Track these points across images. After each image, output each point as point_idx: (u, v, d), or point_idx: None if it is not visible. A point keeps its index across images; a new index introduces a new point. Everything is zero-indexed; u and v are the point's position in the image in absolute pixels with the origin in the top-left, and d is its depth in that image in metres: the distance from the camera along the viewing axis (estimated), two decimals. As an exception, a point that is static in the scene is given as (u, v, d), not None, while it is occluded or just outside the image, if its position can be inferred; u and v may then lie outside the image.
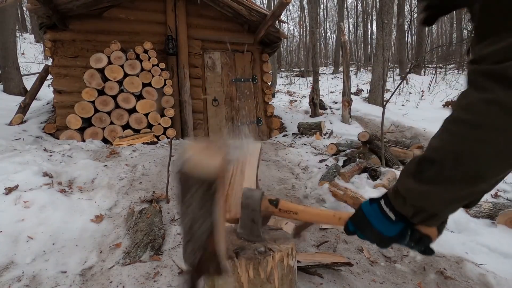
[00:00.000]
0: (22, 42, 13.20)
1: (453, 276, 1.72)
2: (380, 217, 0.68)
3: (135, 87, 4.65)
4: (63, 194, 2.15)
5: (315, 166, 3.57)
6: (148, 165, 2.90)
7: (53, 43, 4.63)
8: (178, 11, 5.19)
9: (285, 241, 1.18)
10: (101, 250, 1.72)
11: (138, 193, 2.36)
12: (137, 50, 4.69)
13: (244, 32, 5.77)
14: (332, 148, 4.08)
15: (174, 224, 1.99)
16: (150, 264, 1.57)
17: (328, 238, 2.02)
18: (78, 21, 4.69)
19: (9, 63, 7.58)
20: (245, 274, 1.01)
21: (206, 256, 0.70)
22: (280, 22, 6.33)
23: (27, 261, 1.57)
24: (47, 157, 2.80)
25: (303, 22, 21.83)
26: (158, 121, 4.79)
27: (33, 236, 1.72)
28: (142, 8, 5.08)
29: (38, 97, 6.30)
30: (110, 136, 4.48)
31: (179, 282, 1.45)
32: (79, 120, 4.37)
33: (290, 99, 11.08)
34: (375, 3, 20.01)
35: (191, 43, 5.35)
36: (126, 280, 1.46)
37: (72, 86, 4.62)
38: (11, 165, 2.34)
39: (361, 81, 14.06)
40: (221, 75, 5.70)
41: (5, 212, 1.80)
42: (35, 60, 11.96)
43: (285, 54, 25.17)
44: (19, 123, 4.85)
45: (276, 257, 1.05)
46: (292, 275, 1.13)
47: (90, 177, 2.51)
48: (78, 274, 1.52)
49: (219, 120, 5.70)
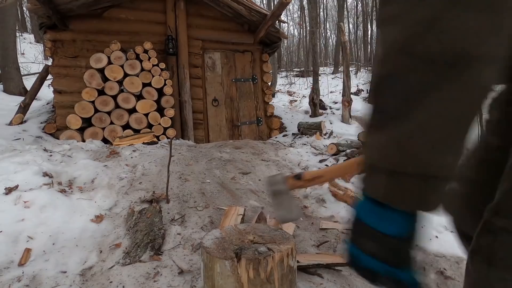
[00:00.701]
0: (22, 42, 13.20)
1: (453, 276, 1.72)
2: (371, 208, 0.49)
3: (135, 87, 4.65)
4: (63, 194, 2.15)
5: (315, 166, 3.57)
6: (148, 165, 2.90)
7: (53, 43, 4.63)
8: (178, 11, 5.19)
9: (285, 241, 1.18)
10: (101, 250, 1.72)
11: (138, 193, 2.36)
12: (137, 50, 4.69)
13: (244, 32, 5.77)
14: (332, 148, 4.08)
15: (174, 224, 1.99)
16: (150, 264, 1.57)
17: (328, 238, 2.01)
18: (78, 21, 4.69)
19: (9, 63, 7.58)
20: (245, 274, 1.01)
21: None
22: (280, 22, 6.33)
23: (27, 261, 1.57)
24: (47, 157, 2.80)
25: (303, 22, 21.82)
26: (158, 121, 4.79)
27: (33, 236, 1.72)
28: (142, 8, 5.08)
29: (38, 97, 6.30)
30: (110, 136, 4.48)
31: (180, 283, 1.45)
32: (79, 120, 4.37)
33: (290, 99, 11.09)
34: (375, 3, 19.99)
35: (191, 43, 5.35)
36: (126, 280, 1.46)
37: (72, 86, 4.62)
38: (11, 165, 2.34)
39: (361, 81, 14.05)
40: (221, 75, 5.70)
41: (5, 212, 1.80)
42: (35, 60, 11.96)
43: (285, 54, 25.17)
44: (19, 123, 4.85)
45: (276, 257, 1.05)
46: (292, 275, 1.13)
47: (90, 177, 2.51)
48: (78, 274, 1.52)
49: (219, 120, 5.70)
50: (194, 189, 2.53)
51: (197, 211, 2.17)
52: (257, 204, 2.38)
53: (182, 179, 2.70)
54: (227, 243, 1.16)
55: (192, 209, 2.20)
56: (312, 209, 2.51)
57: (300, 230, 2.09)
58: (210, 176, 2.89)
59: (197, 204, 2.29)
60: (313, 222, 2.23)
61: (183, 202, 2.30)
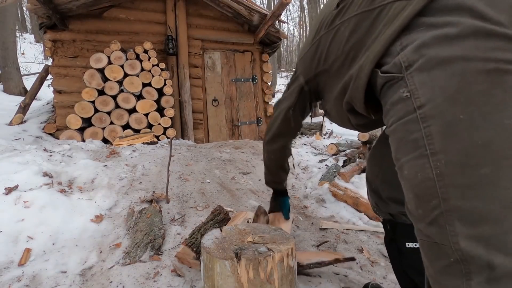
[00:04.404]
0: (22, 42, 13.20)
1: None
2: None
3: (135, 87, 4.65)
4: (63, 194, 2.15)
5: (315, 166, 3.57)
6: (148, 165, 2.90)
7: (53, 43, 4.63)
8: (178, 11, 5.19)
9: (285, 241, 1.18)
10: (101, 250, 1.72)
11: (138, 193, 2.36)
12: (137, 50, 4.69)
13: (244, 32, 5.77)
14: (332, 148, 4.08)
15: (174, 224, 1.99)
16: (150, 264, 1.57)
17: (328, 238, 2.02)
18: (78, 21, 4.69)
19: (9, 63, 7.58)
20: (245, 274, 1.01)
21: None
22: (280, 22, 6.33)
23: (27, 261, 1.57)
24: (47, 157, 2.80)
25: (303, 22, 21.82)
26: (158, 121, 4.79)
27: (33, 236, 1.72)
28: (142, 8, 5.08)
29: (38, 97, 6.31)
30: (110, 136, 4.48)
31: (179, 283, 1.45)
32: (79, 120, 4.37)
33: (290, 99, 11.06)
34: (375, 3, 19.93)
35: (191, 43, 5.35)
36: (126, 280, 1.46)
37: (72, 86, 4.62)
38: (11, 165, 2.34)
39: (361, 81, 14.02)
40: (221, 75, 5.70)
41: (5, 212, 1.80)
42: (35, 60, 11.96)
43: (285, 54, 25.16)
44: (19, 123, 4.85)
45: (276, 257, 1.05)
46: (292, 275, 1.13)
47: (90, 177, 2.51)
48: (78, 274, 1.52)
49: (219, 120, 5.70)
50: (194, 189, 2.53)
51: (197, 211, 2.17)
52: (257, 204, 2.38)
53: (182, 179, 2.70)
54: (227, 243, 1.16)
55: (192, 209, 2.20)
56: (312, 209, 2.51)
57: (300, 230, 2.09)
58: (210, 176, 2.89)
59: (197, 204, 2.29)
60: (313, 222, 2.23)
61: (183, 202, 2.30)
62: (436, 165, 0.60)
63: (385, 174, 1.10)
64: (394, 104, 0.69)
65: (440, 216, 0.60)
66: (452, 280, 0.60)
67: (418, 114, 0.63)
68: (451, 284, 0.61)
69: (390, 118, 0.71)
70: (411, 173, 0.66)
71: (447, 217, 0.60)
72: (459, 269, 0.59)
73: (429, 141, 0.61)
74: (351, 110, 0.91)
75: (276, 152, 1.46)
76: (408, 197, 0.68)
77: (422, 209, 0.64)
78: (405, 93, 0.66)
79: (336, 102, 0.98)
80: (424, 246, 0.67)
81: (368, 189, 1.21)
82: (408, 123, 0.65)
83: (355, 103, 0.85)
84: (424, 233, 0.65)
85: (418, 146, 0.63)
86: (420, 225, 0.66)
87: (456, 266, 0.59)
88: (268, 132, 1.42)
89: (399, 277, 1.16)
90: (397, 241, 1.12)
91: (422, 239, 0.67)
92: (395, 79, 0.69)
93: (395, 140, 0.70)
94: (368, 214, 2.35)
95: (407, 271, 1.10)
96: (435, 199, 0.61)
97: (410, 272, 1.09)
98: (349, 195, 2.48)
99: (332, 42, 0.93)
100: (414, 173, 0.65)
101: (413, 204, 0.67)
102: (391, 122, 0.71)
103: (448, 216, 0.59)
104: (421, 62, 0.63)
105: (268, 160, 1.53)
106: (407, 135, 0.66)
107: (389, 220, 1.16)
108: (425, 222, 0.64)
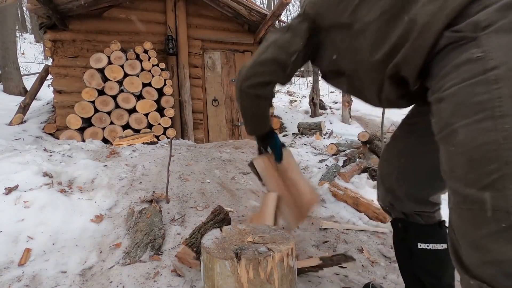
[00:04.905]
0: (22, 42, 13.20)
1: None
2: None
3: (135, 87, 4.65)
4: (63, 194, 2.15)
5: (315, 166, 3.57)
6: (148, 165, 2.90)
7: (53, 43, 4.63)
8: (178, 11, 5.20)
9: (285, 241, 1.18)
10: (101, 250, 1.72)
11: (138, 193, 2.36)
12: (137, 50, 4.69)
13: (244, 32, 5.77)
14: (332, 148, 4.08)
15: (174, 224, 1.99)
16: (150, 264, 1.57)
17: (328, 238, 2.02)
18: (78, 21, 4.69)
19: (9, 63, 7.59)
20: (245, 274, 1.01)
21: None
22: (280, 22, 6.32)
23: (27, 261, 1.57)
24: (47, 157, 2.80)
25: (303, 22, 21.78)
26: (158, 121, 4.79)
27: (33, 236, 1.72)
28: (142, 8, 5.08)
29: (38, 97, 6.31)
30: (110, 136, 4.49)
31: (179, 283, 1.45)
32: (79, 120, 4.37)
33: (290, 99, 11.08)
34: (375, 3, 19.93)
35: (191, 43, 5.35)
36: (126, 280, 1.46)
37: (72, 86, 4.63)
38: (11, 165, 2.34)
39: (361, 81, 14.02)
40: (221, 75, 5.71)
41: (5, 212, 1.80)
42: (35, 60, 11.96)
43: (285, 54, 25.12)
44: (19, 123, 4.86)
45: (276, 257, 1.05)
46: (292, 275, 1.13)
47: (90, 177, 2.51)
48: (78, 274, 1.52)
49: (219, 120, 5.70)
50: (194, 189, 2.53)
51: (197, 211, 2.17)
52: (257, 204, 2.37)
53: (182, 179, 2.70)
54: (227, 243, 1.16)
55: (192, 209, 2.20)
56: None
57: (300, 230, 2.09)
58: (210, 176, 2.89)
59: (197, 204, 2.29)
60: (313, 222, 2.23)
61: (183, 202, 2.30)
62: (504, 128, 0.59)
63: (403, 171, 1.05)
64: (459, 66, 0.66)
65: (500, 179, 0.60)
66: (506, 245, 0.60)
67: (490, 76, 0.61)
68: (504, 249, 0.60)
69: (450, 81, 0.68)
70: (468, 137, 0.64)
71: (509, 180, 0.59)
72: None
73: (499, 103, 0.60)
74: (392, 76, 0.83)
75: (263, 98, 1.26)
76: (458, 163, 0.66)
77: (476, 174, 0.63)
78: (477, 54, 0.63)
79: (367, 66, 0.88)
80: (467, 213, 0.65)
81: (382, 188, 1.15)
82: (475, 85, 0.63)
83: (407, 66, 0.78)
84: (472, 198, 0.64)
85: (484, 108, 0.61)
86: (470, 191, 0.64)
87: (510, 231, 0.59)
88: (253, 77, 1.17)
89: (407, 277, 1.14)
90: (409, 241, 1.09)
91: (466, 207, 0.65)
92: (465, 40, 0.66)
93: (451, 104, 0.67)
94: (368, 214, 2.35)
95: (417, 271, 1.08)
96: (495, 163, 0.60)
97: (419, 272, 1.07)
98: (349, 195, 2.48)
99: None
100: (472, 137, 0.63)
101: (464, 169, 0.65)
102: (451, 84, 0.67)
103: (510, 179, 0.59)
104: (503, 23, 0.61)
105: (255, 107, 1.30)
106: (470, 97, 0.63)
107: (401, 219, 1.12)
108: (477, 187, 0.63)
